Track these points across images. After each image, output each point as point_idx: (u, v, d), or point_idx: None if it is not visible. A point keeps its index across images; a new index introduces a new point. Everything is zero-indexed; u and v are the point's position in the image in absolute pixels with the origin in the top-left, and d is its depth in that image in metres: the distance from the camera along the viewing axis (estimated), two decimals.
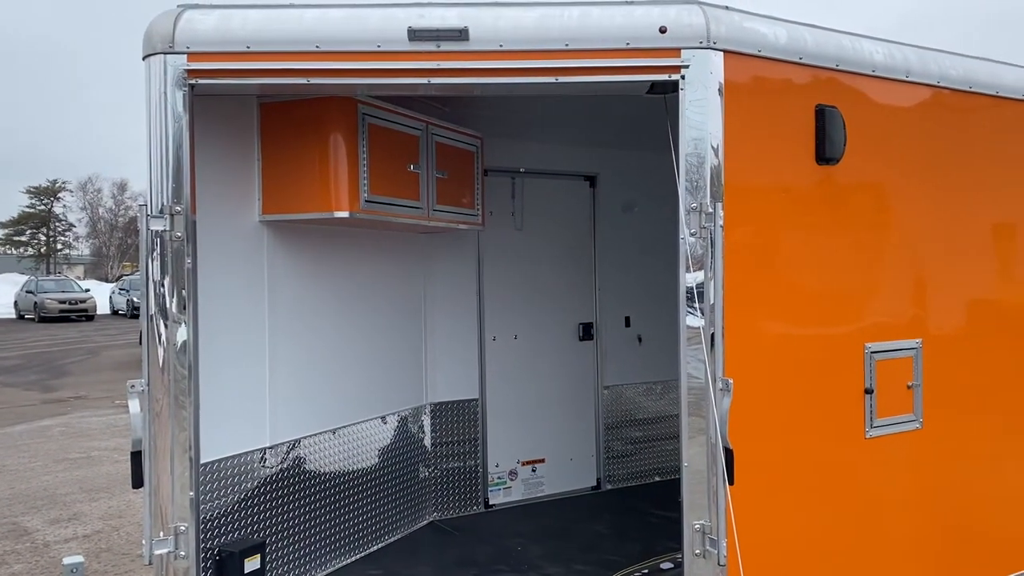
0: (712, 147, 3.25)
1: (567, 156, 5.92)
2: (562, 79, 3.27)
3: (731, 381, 3.20)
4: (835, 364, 3.64)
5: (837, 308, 3.66)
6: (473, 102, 4.92)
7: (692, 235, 3.24)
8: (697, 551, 3.25)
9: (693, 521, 3.26)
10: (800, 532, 3.55)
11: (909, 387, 3.86)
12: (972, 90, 4.07)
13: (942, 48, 4.06)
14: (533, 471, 5.77)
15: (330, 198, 3.90)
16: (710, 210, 3.20)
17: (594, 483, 6.03)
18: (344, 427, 4.56)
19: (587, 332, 6.04)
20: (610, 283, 6.14)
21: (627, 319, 6.24)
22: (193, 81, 3.21)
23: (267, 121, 4.02)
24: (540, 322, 5.84)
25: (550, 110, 5.18)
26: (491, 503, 5.56)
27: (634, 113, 3.82)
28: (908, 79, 3.84)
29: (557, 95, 3.72)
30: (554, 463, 5.85)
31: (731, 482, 3.19)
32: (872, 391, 3.72)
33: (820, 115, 3.54)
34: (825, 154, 3.55)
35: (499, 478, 5.62)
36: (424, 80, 3.29)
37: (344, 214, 3.90)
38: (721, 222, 3.21)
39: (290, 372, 4.19)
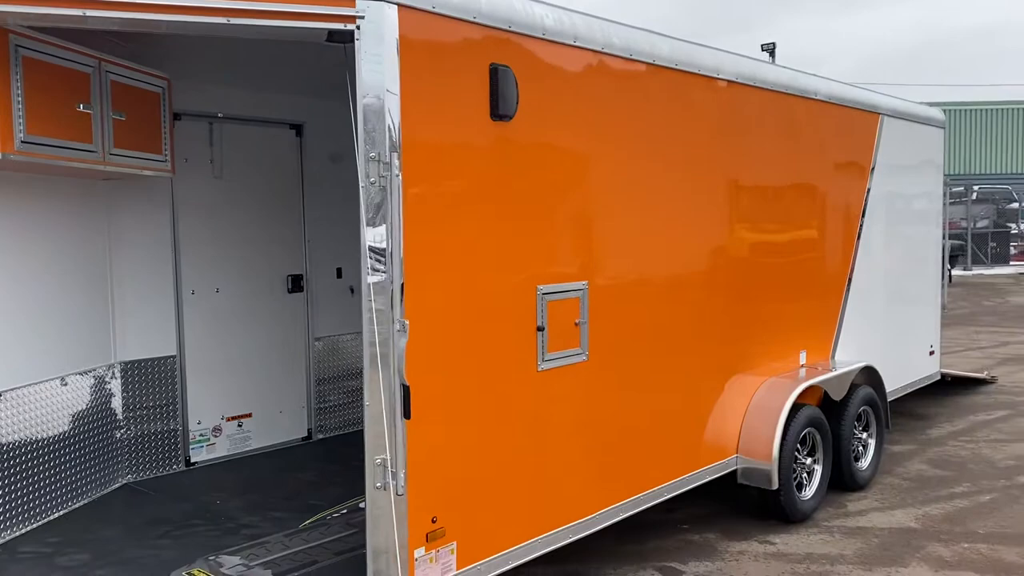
0: (389, 99, 3.35)
1: (271, 103, 5.76)
2: (234, 20, 3.20)
3: (407, 322, 3.37)
4: (510, 305, 3.94)
5: (512, 254, 3.94)
6: (162, 40, 4.62)
7: (372, 183, 3.34)
8: (378, 484, 3.42)
9: (374, 456, 3.42)
10: (480, 457, 3.83)
11: (577, 324, 4.29)
12: (633, 57, 4.54)
13: (608, 17, 4.47)
14: (239, 426, 5.67)
15: None
16: (387, 160, 3.32)
17: (305, 434, 6.05)
18: (12, 390, 4.18)
19: (296, 284, 5.99)
20: (321, 234, 6.11)
21: (339, 270, 6.27)
22: None
23: None
24: (245, 274, 5.69)
25: (250, 53, 4.99)
26: (193, 461, 5.40)
27: (341, 61, 3.81)
28: (576, 44, 4.19)
29: (237, 37, 3.61)
30: (262, 417, 5.79)
31: (407, 416, 3.38)
32: (544, 328, 4.08)
33: (494, 73, 3.75)
34: (499, 111, 3.78)
35: (202, 435, 5.47)
36: (79, 11, 3.07)
37: None
38: (397, 172, 3.34)
39: None
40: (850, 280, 6.68)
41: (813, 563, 5.02)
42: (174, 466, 5.29)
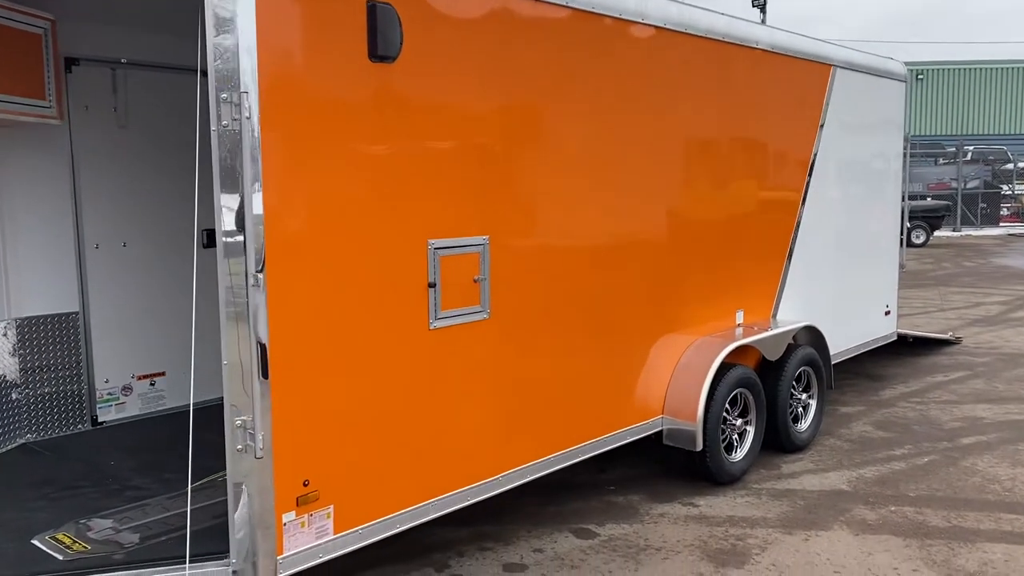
0: (243, 35, 3.11)
1: (183, 49, 5.44)
2: None
3: (263, 277, 3.20)
4: (395, 261, 3.73)
5: (397, 206, 3.72)
6: None
7: (224, 127, 3.13)
8: (239, 447, 3.27)
9: (235, 418, 3.27)
10: (363, 418, 3.66)
11: (476, 281, 4.10)
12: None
13: None
14: (152, 384, 5.50)
15: None
16: (237, 101, 3.10)
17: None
18: None
19: (212, 239, 5.75)
20: None
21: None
22: None
23: None
24: (156, 228, 5.45)
25: None
26: (101, 420, 5.24)
27: None
28: None
29: None
30: (176, 375, 5.60)
31: (265, 376, 3.22)
32: (435, 285, 3.89)
33: (372, 12, 3.51)
34: (378, 51, 3.55)
35: (110, 394, 5.30)
36: None
37: None
38: (248, 114, 3.11)
39: None
40: (795, 239, 6.48)
41: (732, 526, 4.90)
42: (79, 426, 5.13)
